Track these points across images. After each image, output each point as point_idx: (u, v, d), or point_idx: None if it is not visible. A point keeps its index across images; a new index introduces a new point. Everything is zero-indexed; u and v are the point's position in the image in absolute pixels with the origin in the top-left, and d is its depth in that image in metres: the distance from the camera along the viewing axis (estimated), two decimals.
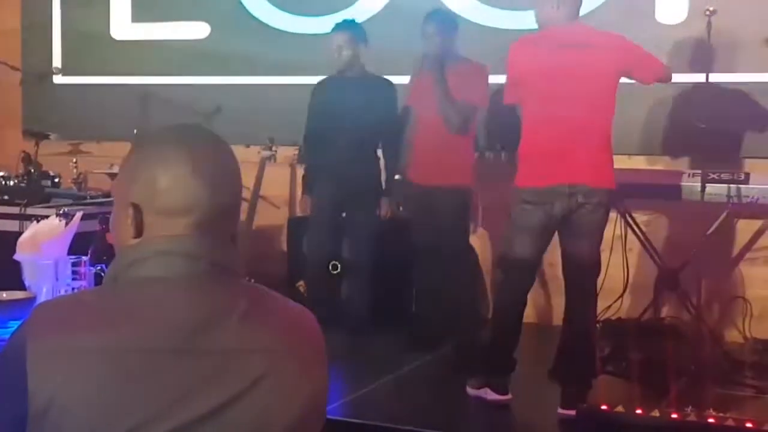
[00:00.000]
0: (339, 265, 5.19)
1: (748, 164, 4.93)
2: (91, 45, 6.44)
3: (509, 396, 3.94)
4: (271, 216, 5.83)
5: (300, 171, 5.39)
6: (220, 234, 1.41)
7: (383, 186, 4.94)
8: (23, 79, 6.32)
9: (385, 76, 4.95)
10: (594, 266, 3.87)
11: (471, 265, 5.14)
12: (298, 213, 5.21)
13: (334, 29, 4.90)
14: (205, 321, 1.34)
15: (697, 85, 4.66)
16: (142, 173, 1.40)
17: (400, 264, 5.08)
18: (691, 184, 4.51)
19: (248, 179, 5.69)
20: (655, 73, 3.91)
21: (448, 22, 4.81)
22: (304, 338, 1.41)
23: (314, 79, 5.12)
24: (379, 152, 5.00)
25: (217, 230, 1.41)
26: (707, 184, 4.32)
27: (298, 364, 1.37)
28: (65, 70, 6.43)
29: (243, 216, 5.70)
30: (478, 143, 5.07)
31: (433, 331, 4.77)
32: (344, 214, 4.98)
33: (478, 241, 5.35)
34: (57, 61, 6.49)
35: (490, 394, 3.94)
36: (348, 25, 4.91)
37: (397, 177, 5.04)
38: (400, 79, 4.95)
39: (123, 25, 6.39)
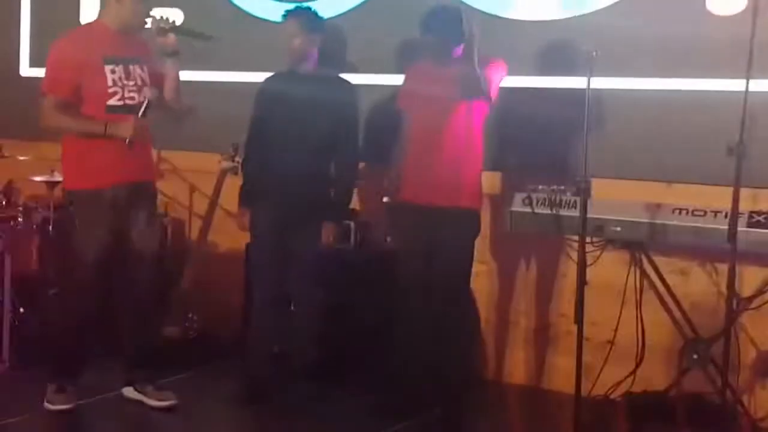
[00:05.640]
0: None
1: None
2: None
3: None
4: (230, 238, 4.93)
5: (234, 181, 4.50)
6: None
7: (332, 208, 4.07)
8: None
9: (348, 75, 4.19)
10: None
11: (470, 312, 4.30)
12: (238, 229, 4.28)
13: (284, 16, 4.10)
14: None
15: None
16: None
17: (366, 307, 4.27)
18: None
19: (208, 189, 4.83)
20: None
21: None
22: None
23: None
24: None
25: None
26: None
27: None
28: None
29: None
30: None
31: (415, 394, 3.94)
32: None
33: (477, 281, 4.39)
34: None
35: None
36: (300, 12, 4.10)
37: (384, 199, 4.20)
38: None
39: None
